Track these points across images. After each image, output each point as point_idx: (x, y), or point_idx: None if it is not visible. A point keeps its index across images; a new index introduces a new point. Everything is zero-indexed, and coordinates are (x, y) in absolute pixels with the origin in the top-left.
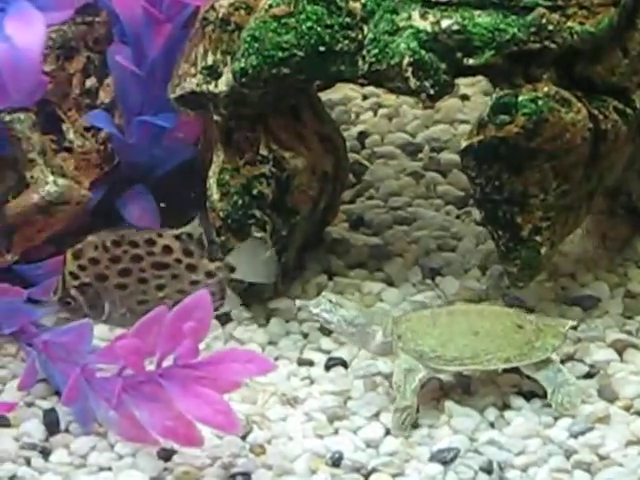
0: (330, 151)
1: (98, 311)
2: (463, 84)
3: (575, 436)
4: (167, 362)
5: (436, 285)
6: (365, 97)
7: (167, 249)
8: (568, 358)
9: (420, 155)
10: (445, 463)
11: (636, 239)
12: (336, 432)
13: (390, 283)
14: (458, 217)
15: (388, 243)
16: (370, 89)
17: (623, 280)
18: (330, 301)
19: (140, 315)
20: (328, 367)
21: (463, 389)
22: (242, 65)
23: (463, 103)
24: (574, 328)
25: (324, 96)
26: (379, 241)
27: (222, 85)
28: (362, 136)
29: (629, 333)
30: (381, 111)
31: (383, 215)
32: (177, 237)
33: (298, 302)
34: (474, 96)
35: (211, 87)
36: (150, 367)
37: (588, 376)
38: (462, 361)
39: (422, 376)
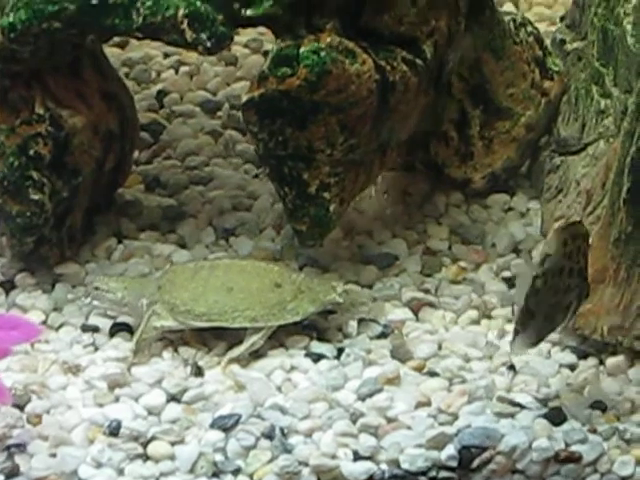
0: (115, 109)
1: None
2: (267, 40)
3: (363, 399)
4: None
5: (230, 246)
6: (166, 55)
7: None
8: (362, 319)
9: (219, 113)
10: (226, 430)
11: (436, 195)
12: (117, 400)
13: (182, 245)
14: (257, 176)
15: (182, 204)
16: (172, 47)
17: (422, 237)
18: (97, 288)
19: None
20: (113, 333)
21: (250, 352)
22: (10, 20)
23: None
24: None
25: (123, 54)
26: (173, 202)
27: None
28: (161, 95)
29: (426, 291)
30: (182, 69)
31: (179, 175)
32: None
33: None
34: None
35: None
36: None
37: (382, 336)
38: (210, 317)
39: (170, 325)
